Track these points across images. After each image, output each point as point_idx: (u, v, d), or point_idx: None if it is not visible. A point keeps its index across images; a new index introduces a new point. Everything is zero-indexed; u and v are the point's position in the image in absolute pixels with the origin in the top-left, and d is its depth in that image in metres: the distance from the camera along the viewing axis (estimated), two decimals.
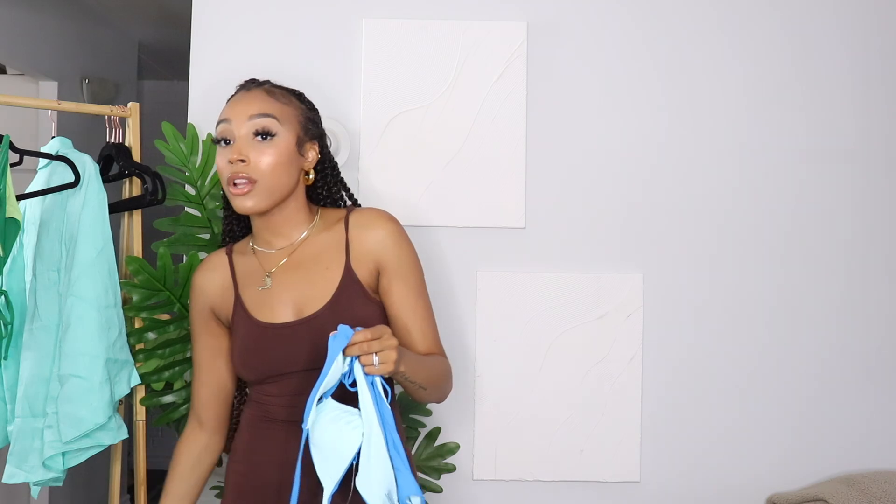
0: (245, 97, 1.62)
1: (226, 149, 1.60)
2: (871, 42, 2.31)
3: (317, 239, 1.66)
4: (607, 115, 2.29)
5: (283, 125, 1.60)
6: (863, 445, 2.30)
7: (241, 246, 1.73)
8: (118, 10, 3.98)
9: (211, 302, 1.69)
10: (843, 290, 2.31)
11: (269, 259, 1.66)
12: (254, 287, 1.64)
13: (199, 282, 1.71)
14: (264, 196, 1.59)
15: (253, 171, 1.57)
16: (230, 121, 1.60)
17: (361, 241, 1.63)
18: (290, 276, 1.63)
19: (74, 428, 1.96)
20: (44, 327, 2.00)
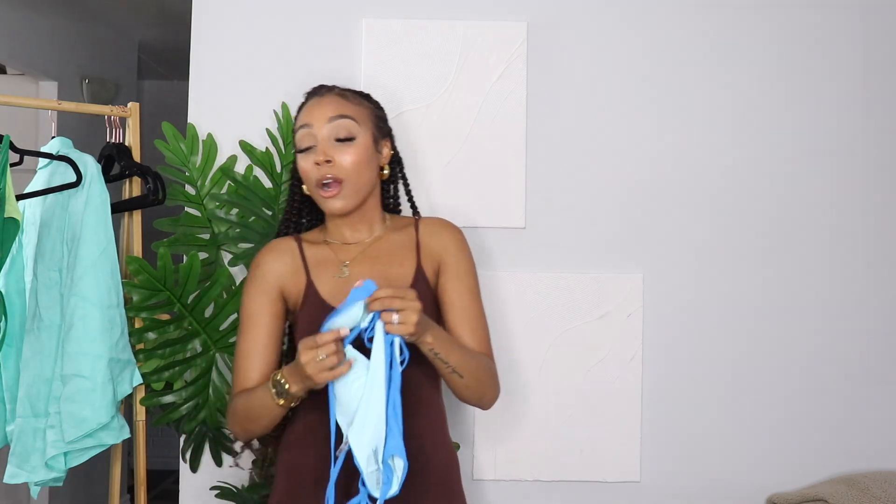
0: (320, 102, 1.71)
1: (309, 153, 1.68)
2: (870, 43, 2.32)
3: (389, 237, 1.76)
4: (607, 114, 2.29)
5: (360, 126, 1.70)
6: (863, 445, 2.30)
7: (311, 236, 1.79)
8: (118, 10, 3.99)
9: (282, 283, 1.72)
10: (843, 290, 2.31)
11: (344, 251, 1.73)
12: (329, 275, 1.70)
13: (270, 264, 1.74)
14: (351, 195, 1.68)
15: (339, 171, 1.66)
16: (311, 125, 1.68)
17: (429, 243, 1.75)
18: (367, 267, 1.71)
19: (77, 428, 1.96)
20: (45, 327, 2.01)
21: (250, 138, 2.23)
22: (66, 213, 2.03)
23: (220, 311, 2.09)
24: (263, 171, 2.22)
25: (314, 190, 1.69)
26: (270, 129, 2.23)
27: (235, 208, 2.18)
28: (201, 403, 2.09)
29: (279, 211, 2.20)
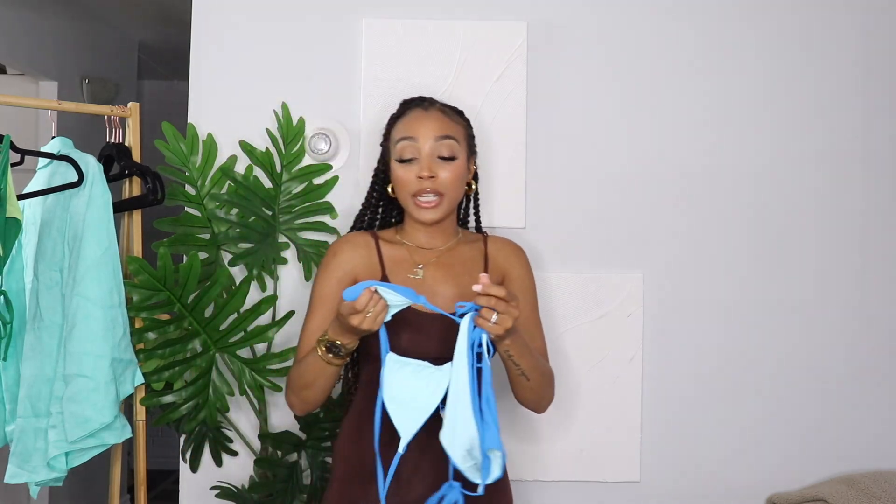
0: (426, 117, 1.80)
1: (411, 165, 1.77)
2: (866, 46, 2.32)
3: (461, 248, 1.86)
4: (607, 114, 2.29)
5: (460, 145, 1.80)
6: (863, 445, 2.30)
7: (388, 235, 1.87)
8: (118, 10, 3.98)
9: (358, 273, 1.80)
10: (843, 289, 2.31)
11: (419, 254, 1.83)
12: (403, 274, 1.80)
13: (347, 254, 1.82)
14: (446, 209, 1.79)
15: (440, 186, 1.76)
16: (416, 139, 1.77)
17: (497, 258, 1.87)
18: (440, 272, 1.81)
19: (80, 427, 1.96)
20: (46, 327, 2.01)
21: (250, 138, 2.23)
22: (67, 214, 2.03)
23: (220, 311, 2.09)
24: (263, 171, 2.22)
25: (409, 198, 1.78)
26: (270, 129, 2.23)
27: (235, 208, 2.18)
28: (201, 403, 2.09)
29: (279, 211, 2.21)
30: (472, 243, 1.88)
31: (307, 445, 2.15)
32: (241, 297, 2.09)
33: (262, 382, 2.09)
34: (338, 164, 2.26)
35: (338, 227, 2.23)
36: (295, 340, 2.18)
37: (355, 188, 2.25)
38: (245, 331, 2.12)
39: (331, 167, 2.24)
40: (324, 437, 2.15)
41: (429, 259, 1.82)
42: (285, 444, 2.14)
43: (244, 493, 2.13)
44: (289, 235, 2.22)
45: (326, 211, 2.23)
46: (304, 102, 2.25)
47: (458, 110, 1.88)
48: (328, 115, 2.26)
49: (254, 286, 2.20)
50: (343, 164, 2.26)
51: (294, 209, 2.21)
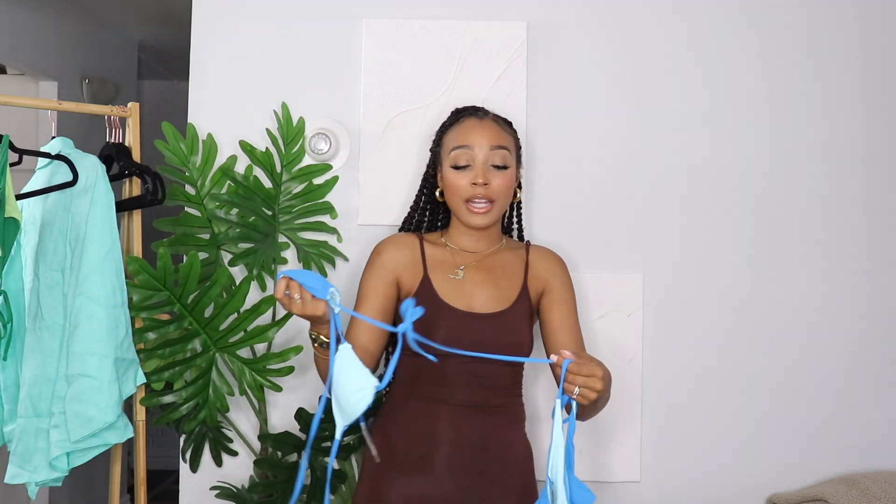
0: (480, 126, 1.88)
1: (466, 171, 1.85)
2: (866, 44, 2.32)
3: (503, 254, 1.94)
4: (607, 114, 2.29)
5: (511, 155, 1.89)
6: (863, 445, 2.30)
7: (433, 237, 1.96)
8: (118, 10, 3.98)
9: (400, 272, 1.88)
10: (843, 289, 2.31)
11: (462, 256, 1.91)
12: (444, 274, 1.88)
13: (392, 252, 1.90)
14: (496, 215, 1.88)
15: (492, 193, 1.84)
16: (472, 147, 1.85)
17: (538, 266, 1.93)
18: (480, 274, 1.88)
19: (83, 427, 1.96)
20: (47, 327, 2.00)
21: (250, 138, 2.23)
22: (68, 214, 2.03)
23: (220, 311, 2.09)
24: (263, 171, 2.22)
25: (461, 204, 1.86)
26: (270, 129, 2.23)
27: (235, 208, 2.18)
28: (201, 403, 2.09)
29: (279, 211, 2.20)
30: (514, 250, 1.95)
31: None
32: (241, 297, 2.09)
33: (262, 382, 2.09)
34: (338, 164, 2.26)
35: (338, 227, 2.23)
36: (295, 341, 2.19)
37: (355, 188, 2.25)
38: (245, 331, 2.12)
39: (331, 167, 2.24)
40: (324, 437, 2.15)
41: (470, 261, 1.90)
42: (285, 445, 2.14)
43: (244, 494, 2.13)
44: (289, 235, 2.22)
45: (326, 211, 2.23)
46: (304, 102, 2.25)
47: (508, 121, 1.96)
48: (328, 115, 2.26)
49: (254, 286, 2.20)
50: (343, 164, 2.26)
51: (294, 209, 2.21)
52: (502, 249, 1.94)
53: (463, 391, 1.80)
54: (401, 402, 1.86)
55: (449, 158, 1.88)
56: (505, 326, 1.83)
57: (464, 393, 1.80)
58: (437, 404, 1.81)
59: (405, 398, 1.85)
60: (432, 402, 1.81)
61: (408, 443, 1.81)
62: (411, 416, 1.83)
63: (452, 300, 1.84)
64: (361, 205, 2.25)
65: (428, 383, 1.82)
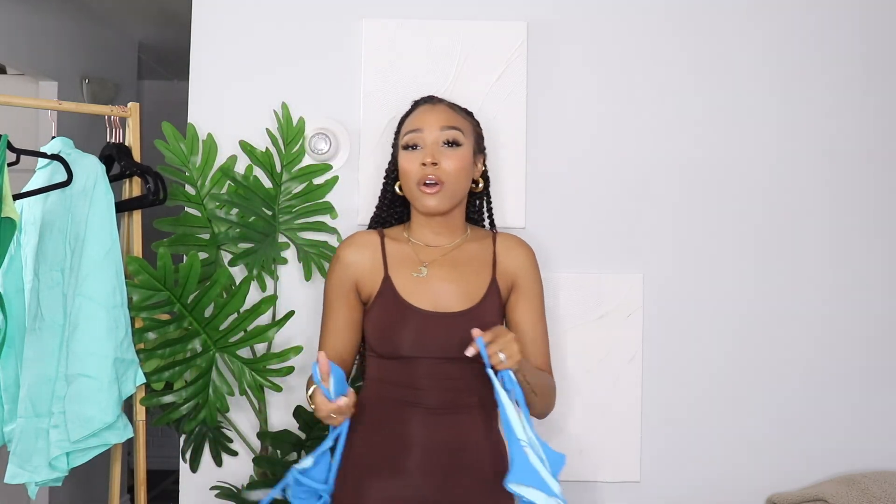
0: (432, 110, 1.85)
1: (415, 153, 1.81)
2: (867, 43, 2.32)
3: (468, 246, 1.87)
4: (607, 114, 2.29)
5: (465, 137, 1.83)
6: (863, 445, 2.30)
7: (395, 233, 1.89)
8: (118, 10, 3.98)
9: (357, 276, 1.84)
10: (843, 289, 2.31)
11: (425, 252, 1.85)
12: (407, 272, 1.81)
13: (349, 256, 1.85)
14: (448, 198, 1.80)
15: (442, 174, 1.78)
16: (421, 130, 1.82)
17: (506, 259, 1.87)
18: (445, 271, 1.82)
19: (83, 427, 1.96)
20: (47, 327, 2.01)
21: (250, 138, 2.23)
22: (68, 214, 2.03)
23: (220, 311, 2.09)
24: (263, 171, 2.22)
25: (413, 188, 1.80)
26: (270, 129, 2.23)
27: (235, 208, 2.18)
28: (201, 403, 2.09)
29: (279, 211, 2.21)
30: (480, 241, 1.89)
31: (306, 445, 2.15)
32: (240, 297, 2.09)
33: (261, 382, 2.09)
34: (338, 164, 2.25)
35: (338, 227, 2.23)
36: (295, 340, 2.19)
37: (355, 188, 2.25)
38: (245, 331, 2.12)
39: (331, 167, 2.24)
40: (323, 436, 2.15)
41: (434, 257, 1.84)
42: (284, 444, 2.14)
43: (244, 494, 2.13)
44: (289, 235, 2.22)
45: (326, 211, 2.23)
46: (304, 102, 2.25)
47: (467, 110, 1.93)
48: (328, 115, 2.26)
49: (254, 286, 2.20)
50: (343, 164, 2.26)
51: (294, 209, 2.21)
52: (467, 241, 1.88)
53: (434, 393, 1.75)
54: (373, 405, 1.80)
55: (401, 143, 1.84)
56: (473, 324, 1.71)
57: (435, 395, 1.75)
58: (410, 408, 1.75)
59: (377, 401, 1.80)
60: (404, 405, 1.75)
61: (381, 446, 1.76)
62: (384, 420, 1.77)
63: (416, 300, 1.78)
64: (361, 205, 2.25)
65: (399, 386, 1.77)
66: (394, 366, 1.78)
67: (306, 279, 2.21)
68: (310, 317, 2.20)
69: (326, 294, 1.87)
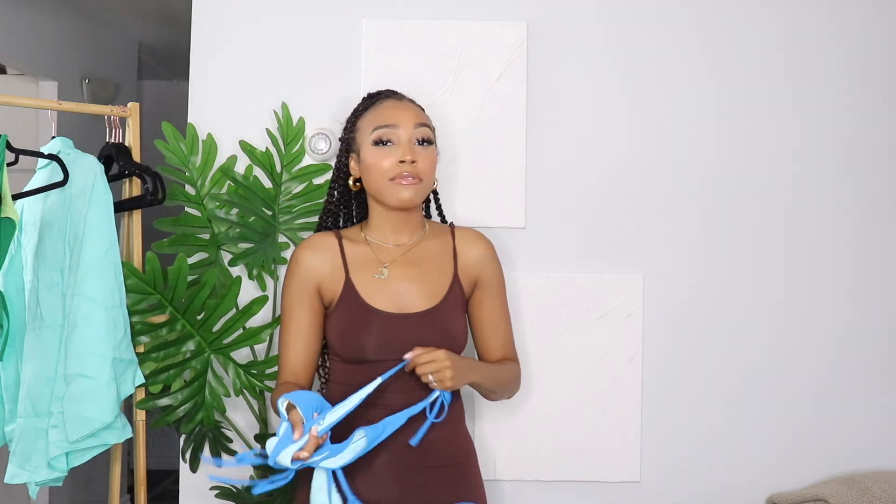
0: (401, 105, 1.83)
1: (388, 149, 1.78)
2: (870, 43, 2.32)
3: (428, 244, 1.85)
4: (607, 114, 2.29)
5: (433, 135, 1.84)
6: (863, 445, 2.30)
7: (352, 234, 1.86)
8: (118, 10, 3.99)
9: (318, 280, 1.80)
10: (843, 289, 2.31)
11: (384, 252, 1.82)
12: (368, 274, 1.79)
13: (307, 260, 1.81)
14: (422, 193, 1.79)
15: (419, 171, 1.77)
16: (397, 126, 1.78)
17: (467, 255, 1.86)
18: (406, 270, 1.80)
19: (82, 427, 1.96)
20: (47, 327, 2.01)
21: (250, 138, 2.23)
22: (68, 214, 2.03)
23: (213, 313, 2.09)
24: (263, 171, 2.22)
25: (386, 183, 1.76)
26: (270, 129, 2.23)
27: (235, 208, 2.18)
28: (198, 405, 2.09)
29: (279, 211, 2.20)
30: (439, 237, 1.88)
31: None
32: (231, 298, 2.08)
33: (256, 385, 2.09)
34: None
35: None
36: None
37: None
38: (244, 328, 2.12)
39: (331, 167, 2.24)
40: None
41: (393, 257, 1.81)
42: None
43: (244, 494, 2.13)
44: (289, 235, 2.22)
45: None
46: (304, 102, 2.25)
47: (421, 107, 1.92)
48: (328, 115, 2.26)
49: (252, 286, 2.20)
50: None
51: (294, 209, 2.21)
52: (426, 238, 1.85)
53: (399, 395, 1.72)
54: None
55: (370, 138, 1.78)
56: (437, 323, 1.76)
57: (401, 397, 1.72)
58: (376, 410, 1.70)
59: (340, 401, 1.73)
60: (371, 407, 1.70)
61: None
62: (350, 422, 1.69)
63: (379, 303, 1.76)
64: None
65: None
66: (358, 369, 1.75)
67: None
68: None
69: (286, 300, 1.81)
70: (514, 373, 1.92)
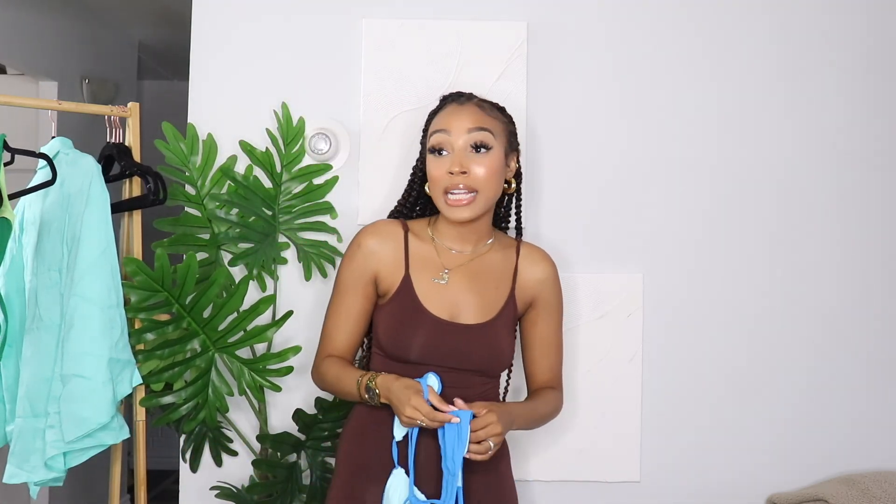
0: (460, 110, 1.75)
1: (442, 159, 1.73)
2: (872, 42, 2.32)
3: (492, 256, 1.82)
4: (607, 114, 2.29)
5: (496, 138, 1.74)
6: (863, 445, 2.30)
7: (418, 228, 1.83)
8: (118, 10, 3.98)
9: (377, 268, 1.79)
10: (842, 289, 2.31)
11: (448, 256, 1.79)
12: (428, 276, 1.76)
13: (371, 245, 1.80)
14: (480, 207, 1.73)
15: (473, 182, 1.71)
16: (449, 132, 1.73)
17: (527, 274, 1.83)
18: (465, 280, 1.78)
19: (78, 427, 1.96)
20: (45, 327, 2.00)
21: (250, 138, 2.23)
22: (66, 214, 2.03)
23: (219, 312, 2.09)
24: (263, 171, 2.22)
25: (440, 195, 1.74)
26: (270, 129, 2.23)
27: (235, 208, 2.18)
28: (201, 403, 2.09)
29: (279, 211, 2.21)
30: (504, 251, 1.85)
31: (306, 446, 2.15)
32: (239, 298, 2.08)
33: (261, 383, 2.09)
34: (338, 164, 2.25)
35: (338, 227, 2.23)
36: (294, 340, 2.19)
37: (355, 188, 2.25)
38: (245, 330, 2.12)
39: (331, 167, 2.24)
40: (323, 437, 2.15)
41: (456, 263, 1.79)
42: (284, 446, 2.14)
43: (244, 494, 2.13)
44: (289, 235, 2.22)
45: (326, 211, 2.23)
46: (304, 102, 2.25)
47: (498, 105, 1.84)
48: (328, 115, 2.26)
49: (254, 286, 2.20)
50: (343, 164, 2.26)
51: (294, 209, 2.21)
52: (491, 250, 1.83)
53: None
54: (372, 408, 1.75)
55: (428, 145, 1.77)
56: (485, 339, 1.75)
57: None
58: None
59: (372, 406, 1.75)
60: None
61: (380, 449, 1.73)
62: (383, 422, 1.72)
63: (434, 307, 1.75)
64: (361, 205, 2.25)
65: None
66: (400, 369, 1.75)
67: (306, 279, 2.21)
68: (309, 317, 2.20)
69: (341, 281, 1.81)
70: (553, 404, 1.89)
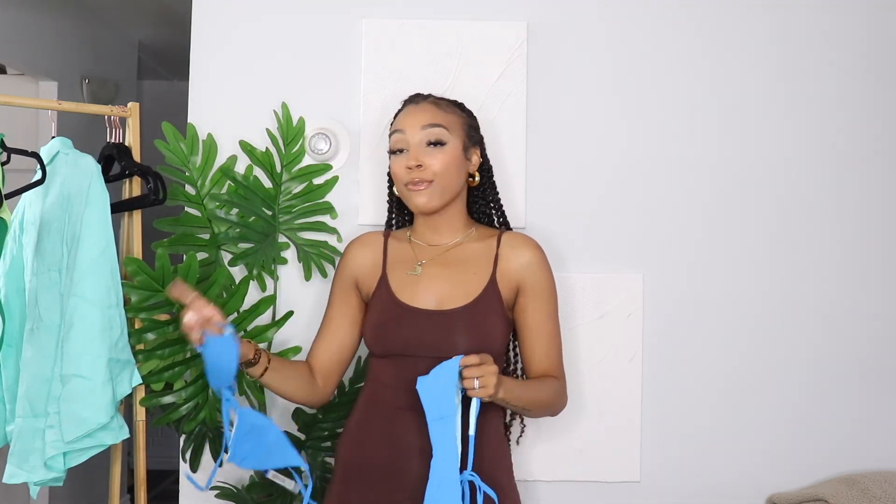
0: (415, 110, 1.82)
1: (401, 157, 1.80)
2: (872, 42, 2.32)
3: (470, 246, 1.84)
4: (607, 114, 2.29)
5: (451, 133, 1.80)
6: (863, 445, 2.30)
7: (399, 234, 1.92)
8: (118, 10, 3.99)
9: (357, 274, 1.87)
10: (842, 289, 2.31)
11: (423, 250, 1.84)
12: (403, 271, 1.82)
13: (352, 254, 1.90)
14: (437, 194, 1.78)
15: (427, 174, 1.77)
16: (404, 131, 1.80)
17: (509, 259, 1.81)
18: (440, 269, 1.81)
19: (77, 428, 1.96)
20: (45, 327, 2.00)
21: (250, 138, 2.23)
22: (66, 214, 2.03)
23: None
24: (263, 171, 2.22)
25: (403, 190, 1.81)
26: (270, 129, 2.23)
27: (235, 208, 2.18)
28: (201, 403, 2.09)
29: (279, 211, 2.21)
30: (484, 240, 1.85)
31: (306, 446, 2.15)
32: (239, 298, 2.09)
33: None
34: (338, 164, 2.26)
35: (338, 228, 2.23)
36: (294, 341, 2.19)
37: (355, 188, 2.25)
38: (245, 331, 2.12)
39: (331, 167, 2.24)
40: (323, 437, 2.15)
41: (431, 256, 1.83)
42: None
43: (244, 494, 2.13)
44: (289, 235, 2.22)
45: (326, 211, 2.23)
46: (304, 102, 2.25)
47: (456, 102, 1.90)
48: (328, 115, 2.26)
49: (253, 286, 2.20)
50: (343, 164, 2.26)
51: (294, 209, 2.22)
52: (469, 240, 1.85)
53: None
54: (370, 409, 1.78)
55: (389, 147, 1.84)
56: (470, 322, 1.73)
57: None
58: (408, 412, 1.70)
59: (375, 405, 1.78)
60: (403, 410, 1.72)
61: (378, 451, 1.74)
62: (382, 424, 1.75)
63: (409, 298, 1.78)
64: (361, 205, 2.25)
65: (394, 387, 1.75)
66: (388, 365, 1.77)
67: (306, 279, 2.21)
68: (309, 317, 2.20)
69: (331, 290, 1.91)
70: (553, 389, 1.81)
